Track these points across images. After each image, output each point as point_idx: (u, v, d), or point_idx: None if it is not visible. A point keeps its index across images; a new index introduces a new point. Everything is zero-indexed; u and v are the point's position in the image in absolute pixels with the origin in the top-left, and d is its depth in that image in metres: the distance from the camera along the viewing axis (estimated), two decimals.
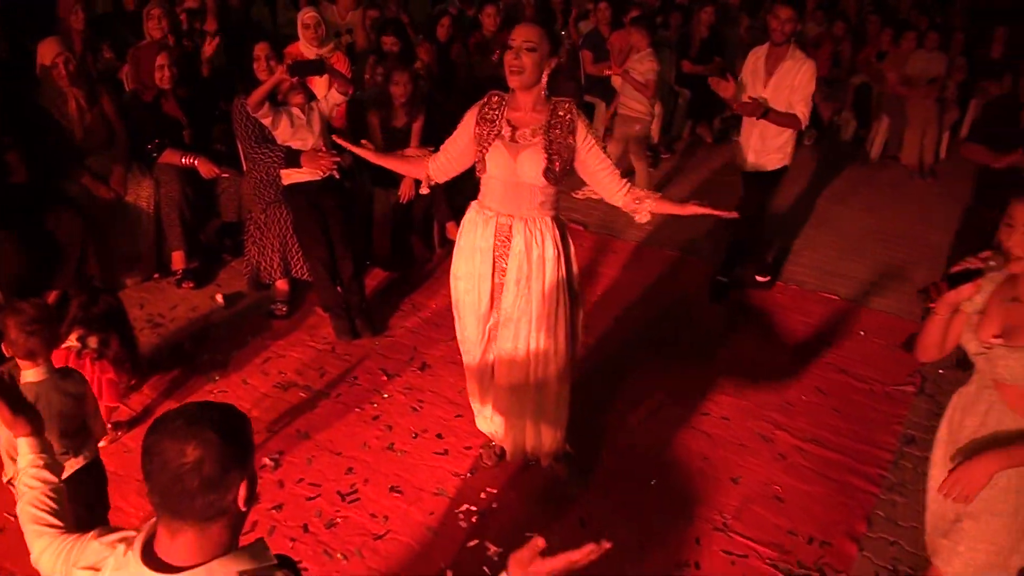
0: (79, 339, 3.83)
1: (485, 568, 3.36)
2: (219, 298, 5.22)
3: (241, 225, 5.53)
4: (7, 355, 2.90)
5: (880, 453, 4.20)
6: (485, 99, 3.36)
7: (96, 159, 5.13)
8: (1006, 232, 2.43)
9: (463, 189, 4.10)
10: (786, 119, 4.99)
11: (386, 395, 4.46)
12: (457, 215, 4.64)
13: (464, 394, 4.09)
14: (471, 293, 3.50)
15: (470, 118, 3.37)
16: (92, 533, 1.81)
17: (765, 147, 5.21)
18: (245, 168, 5.34)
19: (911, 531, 3.67)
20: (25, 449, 2.02)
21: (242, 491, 1.63)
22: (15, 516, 3.40)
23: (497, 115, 3.30)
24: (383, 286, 5.60)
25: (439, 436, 4.17)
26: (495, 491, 3.82)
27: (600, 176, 3.36)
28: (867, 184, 8.13)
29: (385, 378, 4.61)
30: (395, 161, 3.85)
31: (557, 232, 3.39)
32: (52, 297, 4.72)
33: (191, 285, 5.33)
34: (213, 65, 6.17)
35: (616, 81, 6.84)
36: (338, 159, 4.90)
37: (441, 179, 3.60)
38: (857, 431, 4.38)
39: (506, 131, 3.27)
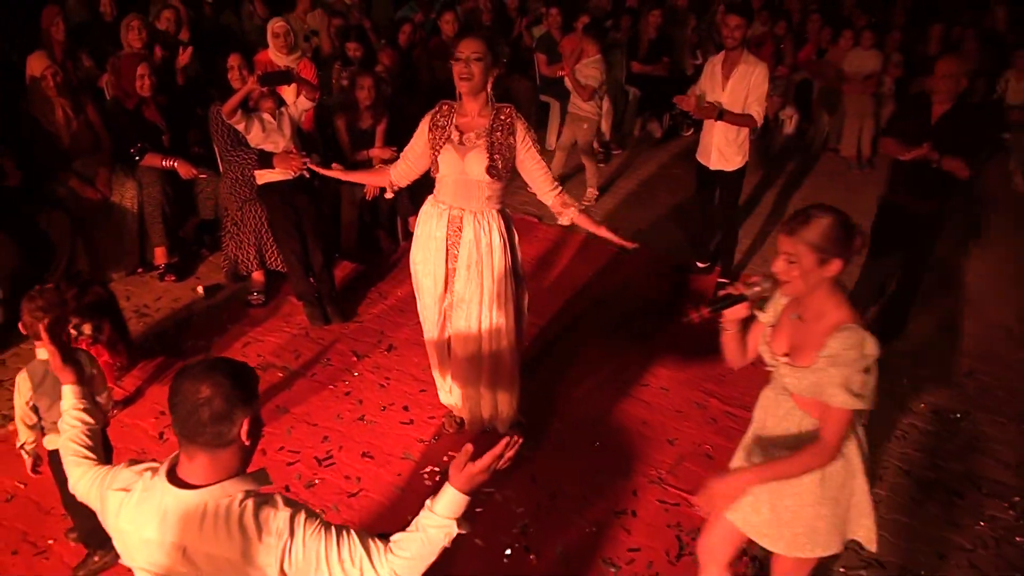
0: (74, 327, 4.21)
1: None
2: (200, 290, 5.62)
3: (218, 222, 5.91)
4: (25, 334, 3.32)
5: None
6: (436, 108, 3.80)
7: (83, 163, 5.50)
8: (774, 258, 2.57)
9: (425, 186, 4.53)
10: (741, 119, 5.43)
11: (356, 373, 4.90)
12: (419, 209, 5.07)
13: (427, 371, 4.53)
14: (428, 277, 3.94)
15: (423, 126, 3.81)
16: (124, 463, 2.24)
17: (728, 147, 5.65)
18: (221, 169, 5.70)
19: None
20: (69, 395, 2.45)
21: (245, 426, 2.06)
22: (25, 484, 3.82)
23: (447, 121, 3.74)
24: (351, 276, 6.01)
25: (405, 408, 4.61)
26: (456, 454, 4.25)
27: (535, 175, 3.81)
28: (807, 174, 8.68)
29: (355, 359, 5.04)
30: (362, 175, 4.38)
31: (503, 223, 3.84)
32: None
33: (173, 278, 5.72)
34: (188, 73, 6.53)
35: (568, 82, 7.30)
36: (307, 160, 5.28)
37: (403, 183, 4.04)
38: None
39: (455, 135, 3.71)
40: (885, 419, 4.73)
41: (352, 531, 2.17)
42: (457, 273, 3.85)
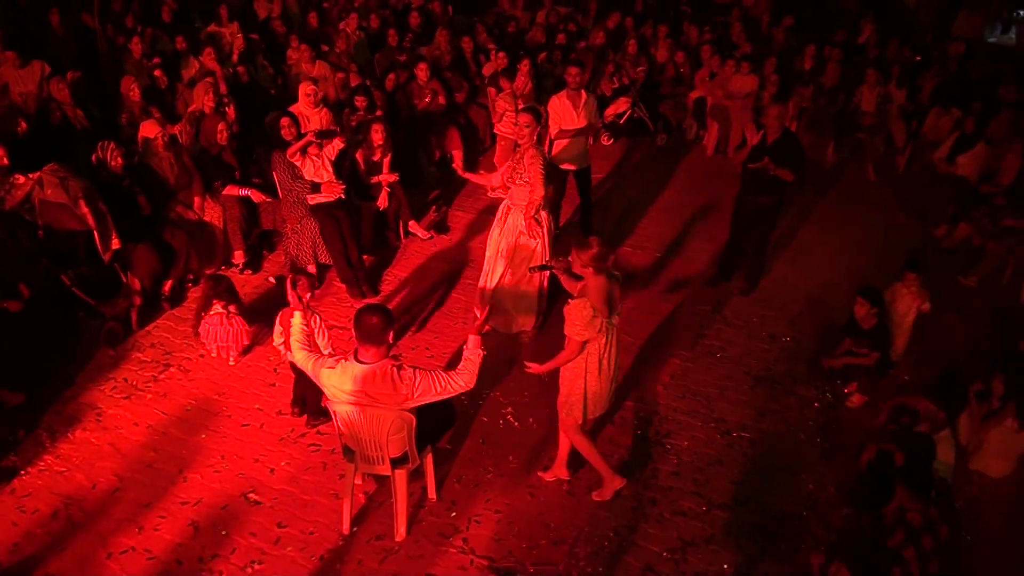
0: (223, 307, 6.54)
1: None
2: (271, 279, 7.95)
3: (275, 232, 8.23)
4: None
5: (684, 343, 7.24)
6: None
7: (183, 194, 7.73)
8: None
9: (421, 201, 6.90)
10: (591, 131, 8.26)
11: None
12: (416, 217, 7.53)
13: (435, 324, 7.08)
14: (492, 244, 6.68)
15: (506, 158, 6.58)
16: (328, 353, 4.66)
17: (581, 153, 8.28)
18: (280, 195, 7.89)
19: (695, 381, 6.75)
20: (297, 316, 4.86)
21: (391, 335, 4.55)
22: (222, 393, 6.17)
23: (515, 165, 6.45)
24: (370, 264, 8.30)
25: (427, 348, 7.06)
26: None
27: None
28: (704, 175, 11.10)
29: None
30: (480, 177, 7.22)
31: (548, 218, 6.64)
32: (168, 284, 7.39)
33: (250, 272, 8.03)
34: (239, 124, 8.78)
35: None
36: (344, 186, 7.58)
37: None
38: (671, 333, 7.38)
39: (516, 178, 6.42)
40: (737, 344, 7.31)
41: (439, 370, 4.61)
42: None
